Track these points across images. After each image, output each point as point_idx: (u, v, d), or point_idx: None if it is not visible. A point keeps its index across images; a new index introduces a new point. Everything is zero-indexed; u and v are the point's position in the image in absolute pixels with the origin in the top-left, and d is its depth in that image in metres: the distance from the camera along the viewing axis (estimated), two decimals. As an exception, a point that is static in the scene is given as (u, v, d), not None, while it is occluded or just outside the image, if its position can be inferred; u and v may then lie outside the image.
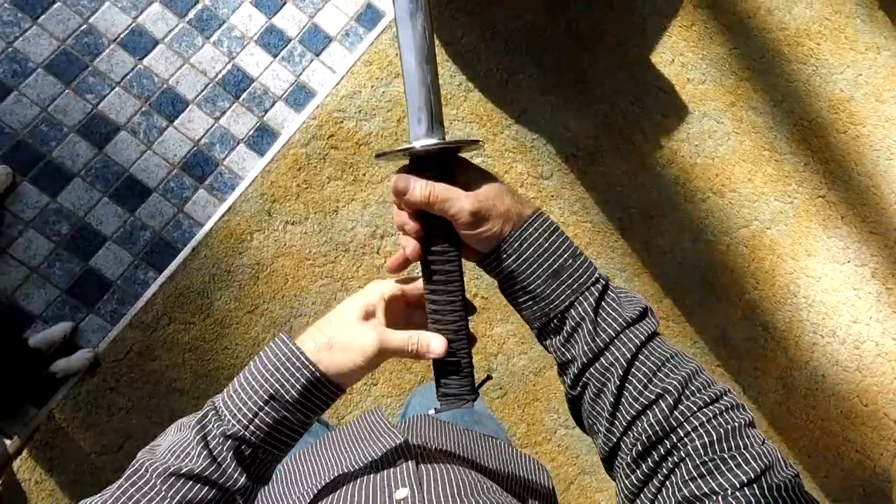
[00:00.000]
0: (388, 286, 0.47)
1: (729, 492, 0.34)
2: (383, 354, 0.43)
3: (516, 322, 1.52)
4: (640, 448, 0.38)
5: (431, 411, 0.51)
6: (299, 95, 1.56)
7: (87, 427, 1.31)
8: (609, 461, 0.42)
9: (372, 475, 0.48)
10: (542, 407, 1.50)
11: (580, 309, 0.42)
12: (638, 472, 0.39)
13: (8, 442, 1.26)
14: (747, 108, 1.76)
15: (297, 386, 0.41)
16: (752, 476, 0.34)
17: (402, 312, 0.49)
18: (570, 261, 0.43)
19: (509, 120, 1.64)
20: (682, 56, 1.76)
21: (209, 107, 1.50)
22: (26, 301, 1.34)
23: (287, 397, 0.40)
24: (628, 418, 0.39)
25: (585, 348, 0.42)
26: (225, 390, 0.42)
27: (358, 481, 0.47)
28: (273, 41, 1.56)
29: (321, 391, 0.42)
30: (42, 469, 1.28)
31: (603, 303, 0.42)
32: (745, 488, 0.34)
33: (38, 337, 1.28)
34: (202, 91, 1.50)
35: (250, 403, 0.40)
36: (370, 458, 0.54)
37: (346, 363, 0.42)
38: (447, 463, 0.51)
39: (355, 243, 1.50)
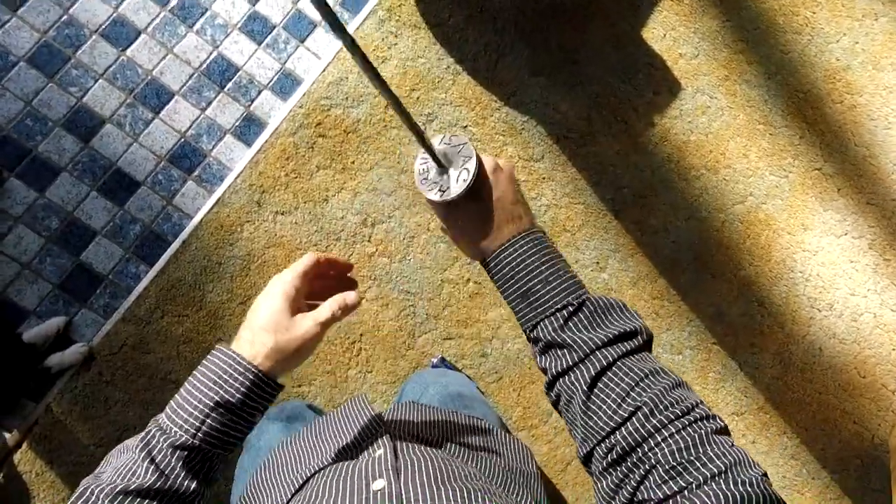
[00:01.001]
0: (294, 274, 0.50)
1: (694, 485, 0.36)
2: (323, 334, 0.48)
3: (508, 306, 1.52)
4: (612, 457, 0.40)
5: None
6: (285, 83, 1.54)
7: (85, 420, 1.32)
8: (586, 463, 0.44)
9: (351, 466, 0.48)
10: (537, 390, 1.50)
11: (544, 331, 0.45)
12: (611, 478, 0.40)
13: (7, 435, 1.27)
14: (741, 82, 1.73)
15: (242, 388, 0.43)
16: (716, 471, 0.36)
17: (313, 287, 0.52)
18: (539, 286, 0.45)
19: (499, 102, 1.61)
20: (674, 31, 1.72)
21: (195, 97, 1.49)
22: (19, 297, 1.34)
23: (233, 401, 0.43)
24: (602, 433, 0.41)
25: (556, 363, 0.45)
26: (167, 408, 0.43)
27: (337, 473, 0.48)
28: (257, 28, 1.54)
29: (265, 391, 0.45)
30: (42, 461, 1.29)
31: (569, 326, 0.45)
32: (712, 482, 0.35)
33: (32, 332, 1.28)
34: (187, 81, 1.49)
35: (196, 413, 0.42)
36: (350, 448, 0.55)
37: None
38: (429, 450, 0.52)
39: (346, 232, 1.49)
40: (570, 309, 0.45)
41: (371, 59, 1.60)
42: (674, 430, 0.38)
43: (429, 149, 0.47)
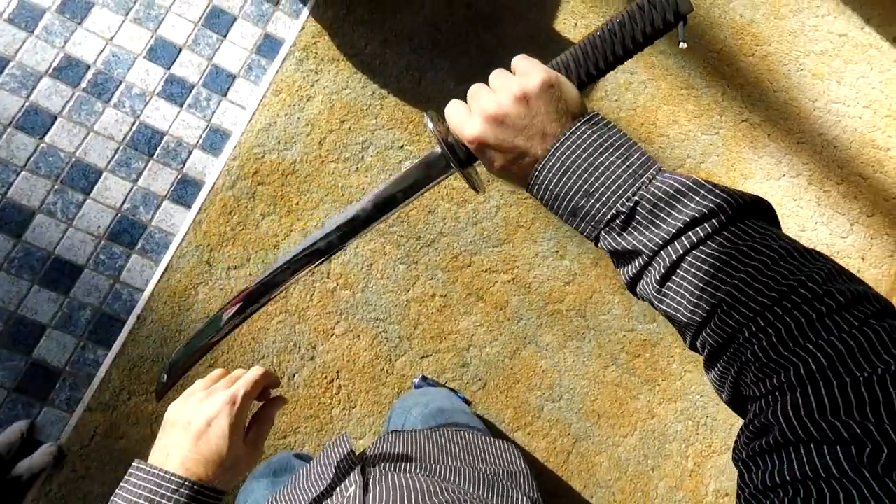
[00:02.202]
0: (238, 399, 0.52)
1: (786, 386, 0.29)
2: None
3: (479, 312, 1.52)
4: (707, 353, 0.36)
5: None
6: (214, 139, 1.54)
7: (67, 522, 1.26)
8: (693, 350, 0.41)
9: None
10: (523, 388, 1.49)
11: (605, 243, 0.40)
12: (713, 371, 0.37)
13: (-14, 559, 1.20)
14: (656, 53, 1.79)
15: None
16: (820, 364, 0.27)
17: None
18: (583, 201, 0.39)
19: (430, 116, 1.63)
20: (584, 18, 1.78)
21: (124, 171, 1.47)
22: (-26, 410, 1.28)
23: None
24: (689, 334, 0.37)
25: (625, 270, 0.40)
26: None
27: None
28: (176, 91, 1.54)
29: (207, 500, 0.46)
30: (28, 577, 1.22)
31: (629, 231, 0.38)
32: (811, 377, 0.28)
33: (-7, 444, 1.22)
34: (113, 156, 1.47)
35: None
36: (326, 492, 0.55)
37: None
38: (403, 475, 0.51)
39: (304, 273, 1.47)
40: (623, 217, 0.38)
41: (295, 100, 1.60)
42: (763, 323, 0.31)
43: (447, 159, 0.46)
